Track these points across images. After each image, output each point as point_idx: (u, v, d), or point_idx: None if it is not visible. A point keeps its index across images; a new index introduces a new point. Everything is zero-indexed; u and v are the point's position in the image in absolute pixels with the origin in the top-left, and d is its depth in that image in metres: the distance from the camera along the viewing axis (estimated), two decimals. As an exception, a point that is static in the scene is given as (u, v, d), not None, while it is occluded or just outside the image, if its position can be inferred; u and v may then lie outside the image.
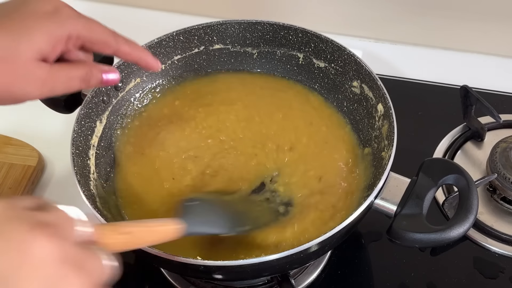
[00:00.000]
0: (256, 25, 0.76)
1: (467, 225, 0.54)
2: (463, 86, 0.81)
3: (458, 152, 0.81)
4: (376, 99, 0.68)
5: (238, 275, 0.58)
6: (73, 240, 0.33)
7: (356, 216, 0.54)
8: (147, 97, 0.76)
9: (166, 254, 0.52)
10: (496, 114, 0.78)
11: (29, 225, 0.31)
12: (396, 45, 0.99)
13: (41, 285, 0.30)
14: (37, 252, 0.30)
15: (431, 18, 0.95)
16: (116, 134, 0.72)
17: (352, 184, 0.66)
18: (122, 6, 1.07)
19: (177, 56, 0.77)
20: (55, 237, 0.31)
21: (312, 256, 0.60)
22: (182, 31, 0.75)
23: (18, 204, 0.33)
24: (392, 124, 0.63)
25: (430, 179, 0.58)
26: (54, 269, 0.30)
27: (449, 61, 0.97)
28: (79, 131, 0.65)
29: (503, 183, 0.73)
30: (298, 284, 0.68)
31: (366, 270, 0.71)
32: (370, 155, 0.68)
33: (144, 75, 0.75)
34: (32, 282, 0.29)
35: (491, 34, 0.95)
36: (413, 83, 0.93)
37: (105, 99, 0.70)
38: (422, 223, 0.55)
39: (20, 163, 0.80)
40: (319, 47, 0.74)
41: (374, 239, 0.73)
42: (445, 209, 0.74)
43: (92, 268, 0.33)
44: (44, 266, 0.30)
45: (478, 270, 0.70)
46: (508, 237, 0.72)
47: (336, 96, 0.75)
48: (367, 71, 0.69)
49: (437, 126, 0.84)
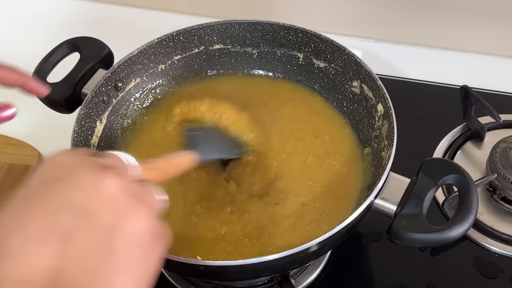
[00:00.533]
0: (256, 25, 0.76)
1: (467, 225, 0.54)
2: (463, 86, 0.81)
3: (458, 152, 0.81)
4: (376, 99, 0.68)
5: (238, 275, 0.58)
6: (131, 178, 0.38)
7: (356, 216, 0.54)
8: (147, 97, 0.76)
9: (166, 254, 0.52)
10: (496, 114, 0.78)
11: (96, 167, 0.36)
12: (396, 45, 0.99)
13: (115, 214, 0.34)
14: (106, 187, 0.35)
15: (431, 18, 0.95)
16: (116, 134, 0.72)
17: (352, 184, 0.66)
18: (122, 6, 1.07)
19: (177, 56, 0.77)
20: (118, 176, 0.36)
21: (312, 256, 0.60)
22: (182, 31, 0.75)
23: (79, 152, 0.37)
24: (392, 124, 0.63)
25: (430, 179, 0.58)
26: (123, 200, 0.35)
27: (449, 61, 0.97)
28: (79, 131, 0.65)
29: (503, 183, 0.73)
30: (298, 284, 0.68)
31: (366, 270, 0.71)
32: (370, 155, 0.68)
33: (144, 75, 0.75)
34: (108, 211, 0.34)
35: (491, 34, 0.95)
36: (413, 83, 0.93)
37: (105, 99, 0.70)
38: (422, 223, 0.55)
39: (20, 163, 0.80)
40: (319, 47, 0.74)
41: (374, 239, 0.73)
42: (445, 209, 0.74)
43: (150, 200, 0.38)
44: (114, 198, 0.35)
45: (478, 270, 0.70)
46: (508, 237, 0.72)
47: (336, 96, 0.75)
48: (367, 71, 0.69)
49: (437, 126, 0.84)
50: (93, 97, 0.68)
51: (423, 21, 0.96)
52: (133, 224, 0.35)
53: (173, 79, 0.78)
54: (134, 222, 0.35)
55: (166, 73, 0.78)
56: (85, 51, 0.73)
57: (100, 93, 0.69)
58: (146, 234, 0.36)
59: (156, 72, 0.77)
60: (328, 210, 0.64)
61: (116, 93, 0.72)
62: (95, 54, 0.73)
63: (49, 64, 0.72)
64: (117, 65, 0.71)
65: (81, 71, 0.71)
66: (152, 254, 0.36)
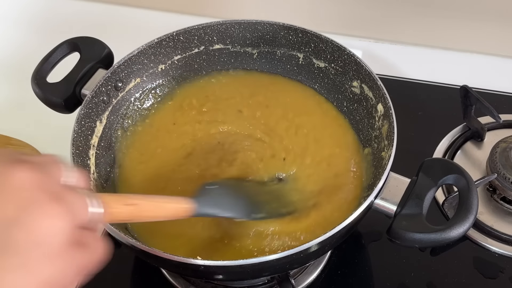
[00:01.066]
0: (256, 25, 0.76)
1: (467, 225, 0.54)
2: (463, 86, 0.81)
3: (458, 152, 0.81)
4: (376, 99, 0.68)
5: (238, 275, 0.58)
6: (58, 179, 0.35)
7: (356, 216, 0.54)
8: (147, 97, 0.76)
9: (166, 254, 0.52)
10: (496, 114, 0.78)
11: (12, 160, 0.33)
12: (396, 45, 0.99)
13: (15, 207, 0.32)
14: (15, 179, 0.32)
15: (431, 18, 0.95)
16: (116, 134, 0.72)
17: (352, 184, 0.66)
18: (122, 6, 1.07)
19: (177, 56, 0.77)
20: (35, 171, 0.33)
21: (312, 256, 0.60)
22: (182, 31, 0.75)
23: (2, 149, 0.35)
24: (392, 124, 0.63)
25: (430, 179, 0.58)
26: (30, 194, 0.32)
27: (449, 61, 0.97)
28: (79, 131, 0.65)
29: (503, 183, 0.73)
30: (298, 284, 0.68)
31: (366, 270, 0.71)
32: (370, 155, 0.68)
33: (144, 75, 0.75)
34: (8, 202, 0.32)
35: (491, 34, 0.95)
36: (413, 83, 0.93)
37: (105, 99, 0.70)
38: (422, 223, 0.55)
39: (20, 163, 0.80)
40: (319, 47, 0.74)
41: (374, 239, 0.73)
42: (445, 209, 0.74)
43: (73, 204, 0.34)
44: (20, 191, 0.32)
45: (478, 270, 0.70)
46: (508, 237, 0.72)
47: (336, 96, 0.75)
48: (367, 71, 0.69)
49: (437, 126, 0.84)
50: (93, 97, 0.68)
51: (423, 21, 0.96)
52: (40, 221, 0.32)
53: (173, 79, 0.78)
54: (41, 218, 0.32)
55: (166, 73, 0.78)
56: (85, 51, 0.73)
57: (100, 93, 0.69)
58: (57, 236, 0.33)
59: (156, 72, 0.77)
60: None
61: (116, 93, 0.72)
62: (95, 54, 0.73)
63: (49, 64, 0.72)
64: (117, 65, 0.71)
65: (81, 71, 0.71)
66: (64, 261, 0.34)
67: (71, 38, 0.74)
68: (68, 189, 0.35)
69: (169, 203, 0.47)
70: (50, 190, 0.34)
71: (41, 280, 0.32)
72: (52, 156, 0.37)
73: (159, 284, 0.70)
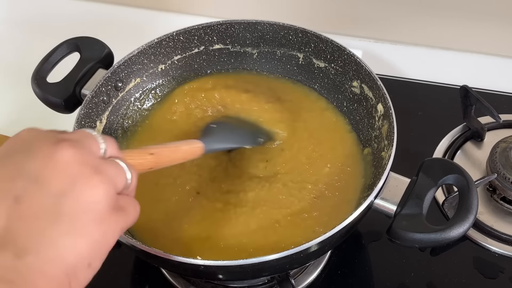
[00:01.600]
0: (256, 25, 0.76)
1: (467, 225, 0.54)
2: (463, 86, 0.81)
3: (458, 152, 0.81)
4: (376, 99, 0.68)
5: (238, 275, 0.58)
6: (96, 154, 0.39)
7: (356, 216, 0.54)
8: (147, 97, 0.76)
9: (166, 254, 0.52)
10: (496, 114, 0.78)
11: (54, 139, 0.37)
12: (396, 45, 0.99)
13: (63, 181, 0.36)
14: (60, 156, 0.36)
15: (431, 18, 0.95)
16: (117, 134, 0.72)
17: (352, 184, 0.66)
18: (122, 6, 1.07)
19: (177, 56, 0.77)
20: (75, 147, 0.37)
21: (312, 256, 0.60)
22: (182, 31, 0.75)
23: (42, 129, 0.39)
24: (392, 124, 0.63)
25: (430, 179, 0.58)
26: (75, 168, 0.36)
27: (449, 61, 0.97)
28: (79, 131, 0.65)
29: (503, 183, 0.73)
30: (298, 284, 0.68)
31: (366, 270, 0.71)
32: (370, 155, 0.68)
33: (144, 75, 0.75)
34: (60, 178, 0.36)
35: (491, 34, 0.95)
36: (413, 83, 0.93)
37: (105, 99, 0.70)
38: (422, 223, 0.55)
39: (20, 163, 0.80)
40: (319, 47, 0.74)
41: (374, 239, 0.73)
42: (445, 209, 0.74)
43: (110, 173, 0.38)
44: (66, 167, 0.36)
45: (478, 270, 0.70)
46: (508, 237, 0.72)
47: (336, 96, 0.75)
48: (367, 71, 0.69)
49: (437, 126, 0.84)
50: (93, 97, 0.68)
51: (423, 21, 0.96)
52: (86, 191, 0.36)
53: (173, 79, 0.78)
54: (86, 189, 0.36)
55: (166, 73, 0.78)
56: (85, 51, 0.73)
57: (100, 93, 0.69)
58: (100, 203, 0.37)
59: (156, 72, 0.77)
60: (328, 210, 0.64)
61: (116, 93, 0.72)
62: (95, 54, 0.73)
63: (49, 64, 0.72)
64: (117, 65, 0.71)
65: (81, 71, 0.71)
66: (108, 224, 0.38)
67: (71, 38, 0.74)
68: (106, 160, 0.39)
69: (182, 145, 0.52)
70: (91, 163, 0.37)
71: (90, 242, 0.36)
72: (85, 131, 0.40)
73: (159, 284, 0.70)
